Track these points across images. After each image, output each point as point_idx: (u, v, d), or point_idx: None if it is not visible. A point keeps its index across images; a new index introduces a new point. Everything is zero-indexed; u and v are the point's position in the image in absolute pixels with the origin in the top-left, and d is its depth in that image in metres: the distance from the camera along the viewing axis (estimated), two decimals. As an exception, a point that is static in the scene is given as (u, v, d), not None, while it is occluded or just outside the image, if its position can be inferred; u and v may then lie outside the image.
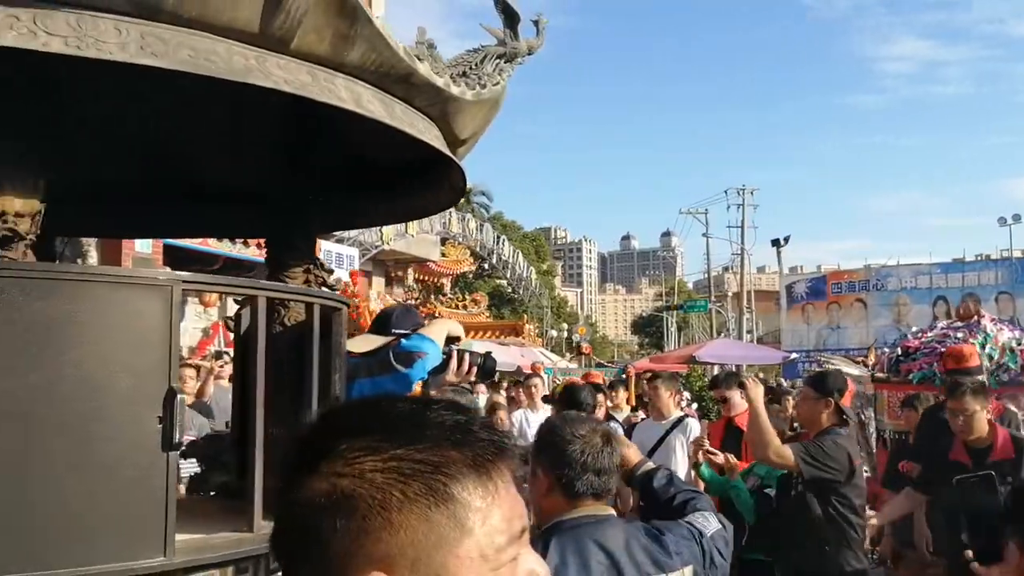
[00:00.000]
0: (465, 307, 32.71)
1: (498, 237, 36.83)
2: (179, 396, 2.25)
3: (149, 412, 2.22)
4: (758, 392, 5.14)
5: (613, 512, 2.55)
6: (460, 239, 31.69)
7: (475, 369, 3.47)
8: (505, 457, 0.96)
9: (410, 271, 29.68)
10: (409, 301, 26.28)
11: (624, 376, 12.34)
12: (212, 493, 3.55)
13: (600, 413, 7.35)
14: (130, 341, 2.22)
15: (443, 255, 30.97)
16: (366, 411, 0.98)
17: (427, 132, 2.66)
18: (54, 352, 2.12)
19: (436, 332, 3.24)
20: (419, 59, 2.52)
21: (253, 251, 12.23)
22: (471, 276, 43.36)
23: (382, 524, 0.89)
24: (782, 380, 22.19)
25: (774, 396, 8.65)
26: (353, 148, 3.17)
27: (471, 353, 3.49)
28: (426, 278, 31.53)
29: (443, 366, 3.32)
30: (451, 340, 3.39)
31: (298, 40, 2.15)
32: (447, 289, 34.43)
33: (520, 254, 41.22)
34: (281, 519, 0.96)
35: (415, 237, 24.64)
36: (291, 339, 3.00)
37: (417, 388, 3.31)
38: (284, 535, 0.96)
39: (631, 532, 2.48)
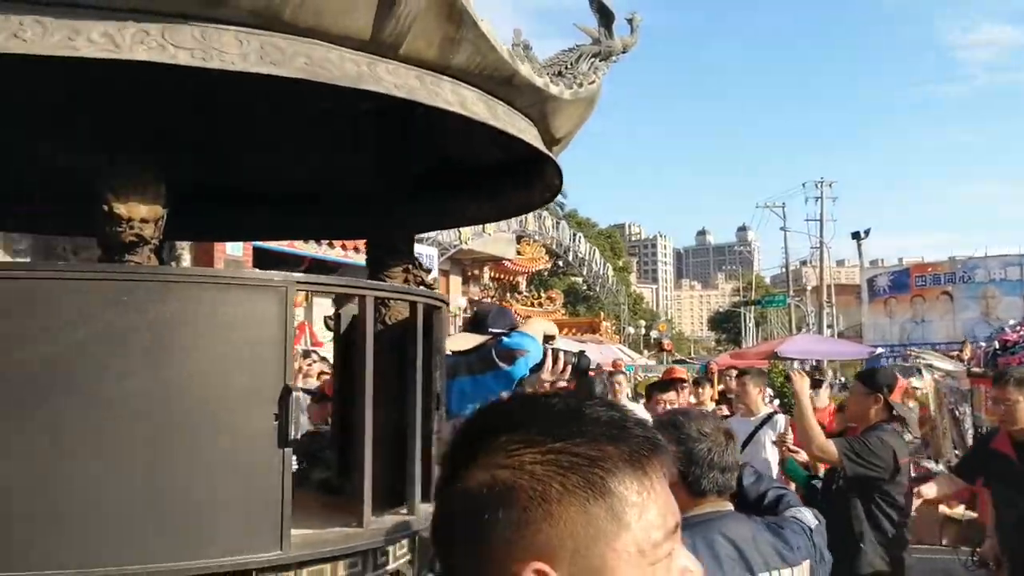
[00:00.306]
0: (541, 304, 32.77)
1: (574, 235, 36.75)
2: (294, 394, 2.31)
3: (266, 409, 2.29)
4: (803, 385, 5.10)
5: (732, 507, 2.56)
6: (536, 237, 31.73)
7: (569, 367, 3.49)
8: (659, 453, 0.97)
9: (486, 269, 29.82)
10: (485, 299, 26.41)
11: (707, 373, 12.20)
12: (313, 489, 3.64)
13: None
14: (248, 341, 2.29)
15: (519, 253, 31.03)
16: (524, 407, 1.01)
17: (527, 132, 2.69)
18: (177, 352, 2.21)
19: (535, 330, 3.26)
20: (520, 60, 2.55)
21: (337, 252, 12.49)
22: (546, 274, 43.34)
23: (543, 515, 0.91)
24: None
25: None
26: (451, 149, 3.22)
27: (565, 352, 3.50)
28: (502, 276, 31.64)
29: (539, 365, 3.35)
30: (546, 339, 3.41)
31: (407, 45, 2.19)
32: (522, 287, 34.50)
33: (596, 251, 41.07)
34: (441, 509, 1.00)
35: (492, 236, 24.76)
36: (392, 337, 3.05)
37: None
38: (444, 524, 0.99)
39: (754, 527, 2.49)
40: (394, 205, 3.31)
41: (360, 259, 13.91)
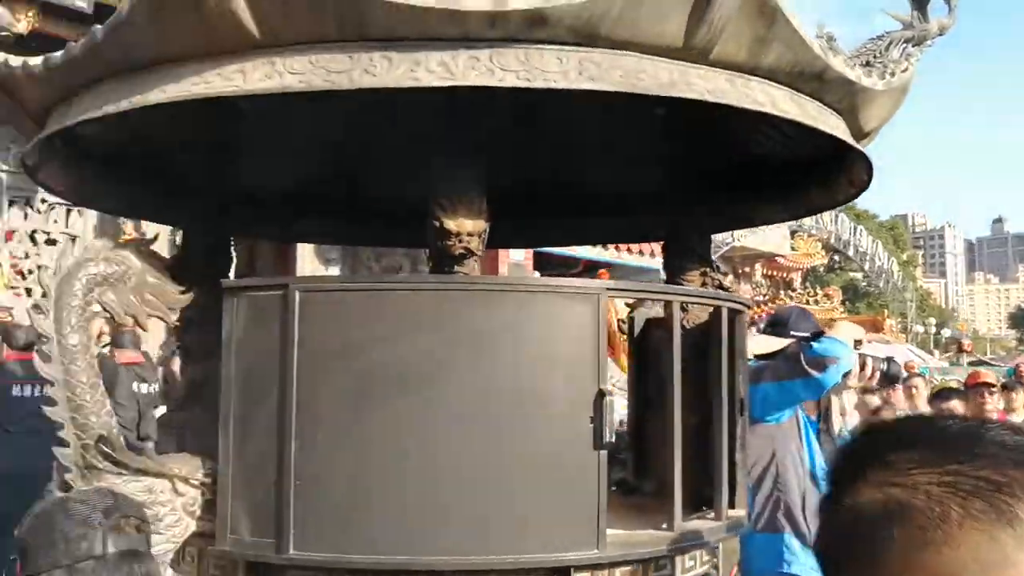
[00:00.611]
0: (817, 302, 31.19)
1: (854, 227, 34.69)
2: (607, 398, 2.37)
3: (582, 413, 2.37)
4: None
5: None
6: (812, 231, 30.30)
7: (878, 374, 3.31)
8: None
9: (758, 267, 28.88)
10: (757, 297, 25.58)
11: (1016, 375, 11.05)
12: (612, 488, 3.71)
13: (996, 418, 6.67)
14: (565, 346, 2.39)
15: (793, 249, 29.76)
16: (916, 426, 0.98)
17: (838, 128, 2.59)
18: (502, 357, 2.34)
19: (846, 336, 3.12)
20: (830, 54, 2.45)
21: (611, 253, 12.67)
22: (822, 270, 41.26)
23: (942, 538, 0.87)
24: None
25: None
26: (749, 148, 3.16)
27: (873, 358, 3.33)
28: (774, 273, 30.49)
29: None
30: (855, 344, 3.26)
31: (717, 49, 2.18)
32: (796, 284, 33.05)
33: (879, 244, 38.52)
34: (828, 526, 0.98)
35: (765, 232, 23.93)
36: (691, 341, 3.05)
37: None
38: (831, 542, 0.98)
39: None
40: (690, 207, 3.31)
41: (631, 260, 14.00)
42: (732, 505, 2.87)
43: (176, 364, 7.81)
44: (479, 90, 2.08)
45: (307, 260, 9.90)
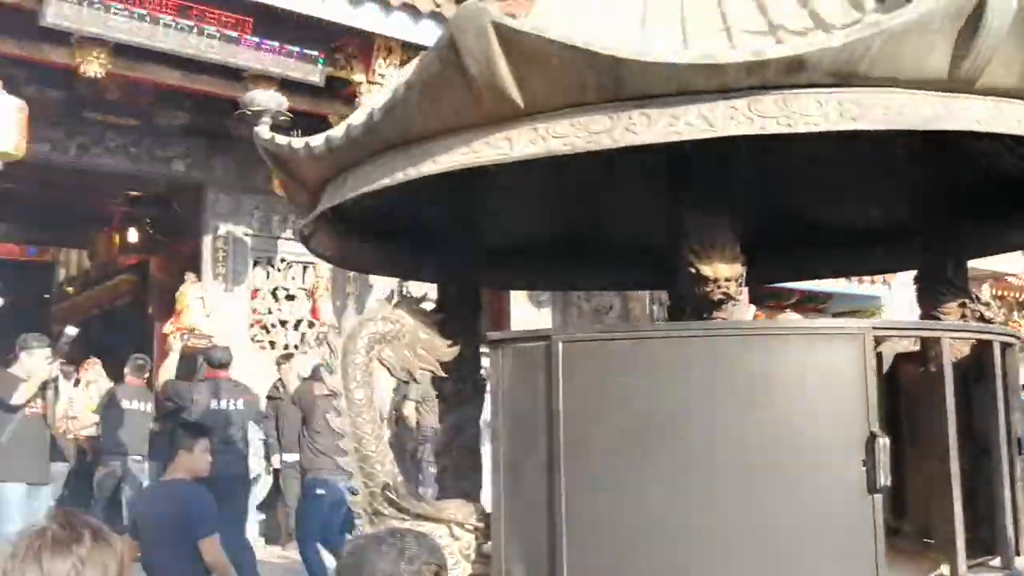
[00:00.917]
0: (1059, 323, 28.51)
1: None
2: (880, 440, 2.30)
3: (851, 455, 2.31)
4: None
5: None
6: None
7: None
8: None
9: (985, 287, 26.77)
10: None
11: None
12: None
13: None
14: (830, 388, 2.34)
15: (1027, 266, 27.39)
16: None
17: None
18: (766, 401, 2.32)
19: None
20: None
21: (827, 283, 12.17)
22: (1062, 287, 37.64)
23: None
24: None
25: None
26: (1006, 171, 2.99)
27: None
28: (1006, 293, 28.16)
29: None
30: None
31: (984, 78, 2.11)
32: (1033, 304, 30.35)
33: None
34: None
35: (993, 249, 22.23)
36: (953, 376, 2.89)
37: None
38: None
39: None
40: (943, 235, 3.16)
41: (850, 288, 13.37)
42: (1018, 552, 2.69)
43: (407, 408, 8.26)
44: (730, 138, 2.10)
45: (519, 304, 10.14)
